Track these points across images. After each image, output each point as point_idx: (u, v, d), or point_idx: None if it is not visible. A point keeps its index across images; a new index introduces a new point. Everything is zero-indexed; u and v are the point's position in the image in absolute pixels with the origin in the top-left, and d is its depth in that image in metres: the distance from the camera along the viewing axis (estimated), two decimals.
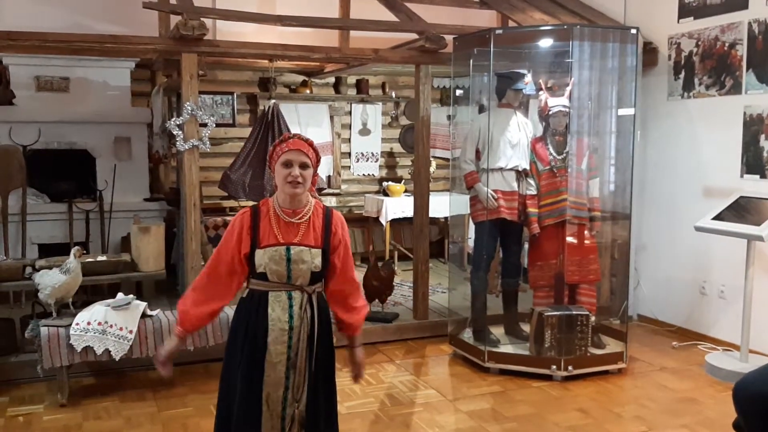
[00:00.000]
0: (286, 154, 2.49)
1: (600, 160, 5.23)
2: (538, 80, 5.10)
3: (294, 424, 2.55)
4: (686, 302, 5.71)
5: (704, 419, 4.07)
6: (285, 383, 2.53)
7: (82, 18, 6.05)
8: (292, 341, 2.53)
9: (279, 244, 2.50)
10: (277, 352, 2.52)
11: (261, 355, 2.51)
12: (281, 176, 2.50)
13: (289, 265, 2.50)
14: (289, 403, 2.54)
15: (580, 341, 4.69)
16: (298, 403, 2.54)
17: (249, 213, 2.55)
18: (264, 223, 2.52)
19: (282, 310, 2.52)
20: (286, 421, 2.54)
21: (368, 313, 2.87)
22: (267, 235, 2.50)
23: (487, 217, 4.96)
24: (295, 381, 2.54)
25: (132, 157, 6.59)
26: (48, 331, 4.14)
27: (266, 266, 2.49)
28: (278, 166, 2.50)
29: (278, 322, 2.51)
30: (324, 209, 2.62)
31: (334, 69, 7.37)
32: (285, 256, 2.50)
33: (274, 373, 2.52)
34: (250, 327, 2.53)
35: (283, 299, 2.52)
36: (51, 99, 6.31)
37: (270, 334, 2.51)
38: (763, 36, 4.98)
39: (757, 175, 5.06)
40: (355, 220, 8.32)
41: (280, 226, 2.53)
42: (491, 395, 4.43)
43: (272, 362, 2.52)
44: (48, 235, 6.24)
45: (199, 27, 4.68)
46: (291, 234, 2.53)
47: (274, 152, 2.53)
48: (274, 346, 2.52)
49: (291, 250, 2.50)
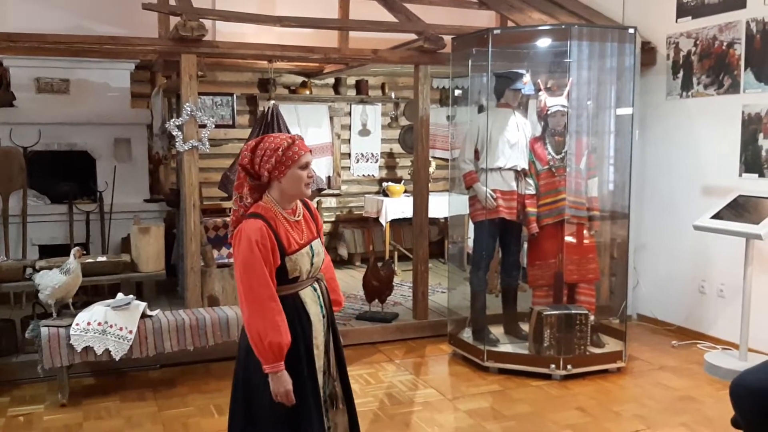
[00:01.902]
0: (304, 157, 2.49)
1: (599, 160, 5.24)
2: (536, 80, 5.11)
3: (337, 401, 2.67)
4: (685, 301, 5.72)
5: (703, 417, 4.08)
6: (324, 367, 2.62)
7: (81, 20, 6.08)
8: (325, 328, 2.64)
9: (303, 245, 2.55)
10: (321, 343, 2.61)
11: (308, 353, 2.56)
12: (300, 179, 2.49)
13: (313, 260, 2.59)
14: (328, 383, 2.64)
15: (579, 340, 4.70)
16: (336, 381, 2.66)
17: (265, 225, 2.44)
18: (281, 229, 2.50)
19: (314, 303, 2.60)
20: (328, 401, 2.63)
21: (368, 313, 2.90)
22: (289, 241, 2.51)
23: (486, 216, 4.97)
24: (331, 362, 2.65)
25: (132, 159, 6.61)
26: (48, 332, 4.15)
27: (300, 269, 2.53)
28: (295, 169, 2.47)
29: (316, 315, 2.60)
30: (301, 201, 2.68)
31: (334, 70, 7.39)
32: (311, 254, 2.58)
33: (319, 363, 2.59)
34: (297, 329, 2.52)
35: (312, 293, 2.61)
36: (51, 100, 6.33)
37: (314, 328, 2.58)
38: (761, 35, 4.99)
39: (755, 174, 5.07)
40: (355, 221, 8.34)
41: (292, 228, 2.55)
42: (490, 394, 4.44)
43: (319, 354, 2.59)
44: (48, 236, 6.25)
45: (198, 28, 4.70)
46: (300, 232, 2.57)
47: (285, 156, 2.45)
48: (318, 338, 2.59)
49: (313, 246, 2.59)
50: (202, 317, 4.48)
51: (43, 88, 6.33)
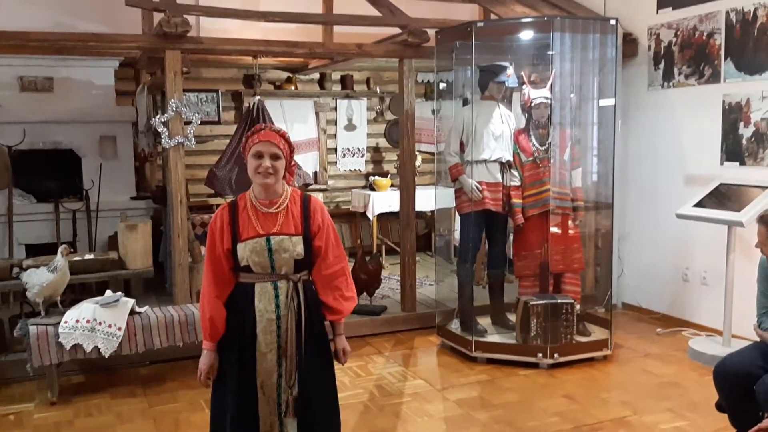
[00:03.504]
0: (256, 146, 2.52)
1: (582, 151, 5.29)
2: (520, 73, 5.15)
3: (289, 410, 2.58)
4: (669, 289, 5.79)
5: (688, 402, 4.14)
6: (278, 370, 2.58)
7: (64, 17, 6.04)
8: (281, 330, 2.56)
9: (259, 236, 2.53)
10: (266, 342, 2.56)
11: (252, 346, 2.56)
12: (252, 167, 2.52)
13: (271, 255, 2.53)
14: (283, 389, 2.58)
15: (566, 329, 4.75)
16: (291, 390, 2.57)
17: (227, 208, 2.58)
18: (242, 216, 2.55)
19: (268, 301, 2.55)
20: (282, 407, 2.60)
21: (356, 306, 2.87)
22: (246, 228, 2.53)
23: (472, 208, 5.01)
24: (287, 368, 2.57)
25: (118, 156, 6.59)
26: (37, 330, 4.15)
27: (249, 258, 2.52)
28: (250, 157, 2.53)
29: (265, 313, 2.55)
30: (302, 196, 2.64)
31: (319, 65, 7.39)
32: (266, 246, 2.52)
33: (265, 362, 2.57)
34: (239, 319, 2.57)
35: (269, 290, 2.56)
36: (35, 99, 6.30)
37: (258, 325, 2.55)
38: (740, 25, 5.06)
39: (736, 162, 5.14)
40: (342, 215, 8.36)
41: (259, 217, 2.55)
42: (479, 384, 4.49)
43: (263, 352, 2.56)
44: (35, 235, 6.23)
45: (182, 24, 4.70)
46: (270, 224, 2.55)
47: (246, 144, 2.56)
48: (263, 336, 2.56)
49: (271, 240, 2.53)
50: (190, 313, 4.49)
51: (27, 86, 6.30)
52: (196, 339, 4.45)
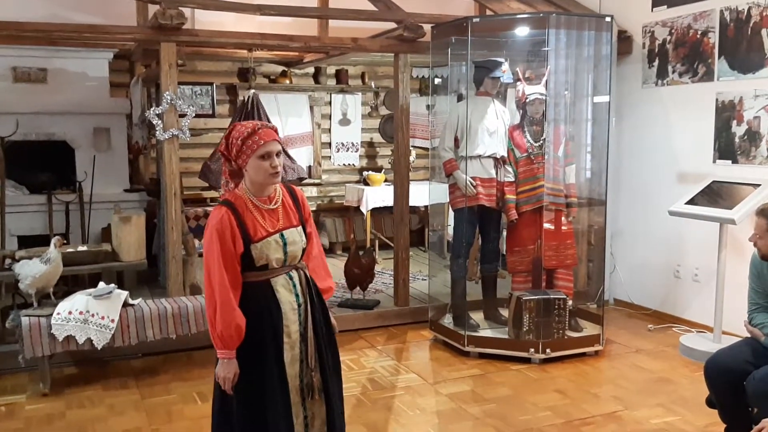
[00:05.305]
0: (263, 147, 2.48)
1: (576, 147, 5.31)
2: (515, 69, 5.16)
3: (313, 392, 2.64)
4: (661, 286, 5.82)
5: (679, 398, 4.17)
6: (300, 357, 2.62)
7: (59, 8, 6.01)
8: (301, 318, 2.62)
9: (272, 233, 2.55)
10: (293, 332, 2.60)
11: (274, 340, 2.57)
12: (261, 169, 2.49)
13: (286, 249, 2.57)
14: (305, 373, 2.63)
15: (558, 325, 4.78)
16: (314, 372, 2.64)
17: (229, 212, 2.50)
18: (248, 217, 2.52)
19: (288, 292, 2.60)
20: (305, 391, 2.64)
21: (350, 300, 2.89)
22: (257, 229, 2.52)
23: (466, 204, 5.02)
24: (308, 352, 2.62)
25: (111, 148, 6.55)
26: (29, 321, 4.15)
27: (267, 257, 2.54)
28: (254, 159, 2.48)
29: (288, 304, 2.59)
30: (287, 188, 2.68)
31: (314, 59, 7.39)
32: (281, 242, 2.56)
33: (292, 352, 2.60)
34: (264, 316, 2.55)
35: (286, 282, 2.61)
36: (29, 90, 6.26)
37: (285, 318, 2.58)
38: (734, 23, 5.08)
39: (728, 161, 5.17)
40: (335, 210, 8.36)
41: (264, 215, 2.56)
42: (471, 378, 4.51)
43: (291, 343, 2.60)
44: (28, 227, 6.20)
45: (177, 16, 4.69)
46: (275, 220, 2.57)
47: (245, 146, 2.48)
48: (290, 327, 2.60)
49: (285, 235, 2.57)
50: (184, 305, 4.49)
51: (20, 77, 6.26)
52: (189, 331, 4.44)
